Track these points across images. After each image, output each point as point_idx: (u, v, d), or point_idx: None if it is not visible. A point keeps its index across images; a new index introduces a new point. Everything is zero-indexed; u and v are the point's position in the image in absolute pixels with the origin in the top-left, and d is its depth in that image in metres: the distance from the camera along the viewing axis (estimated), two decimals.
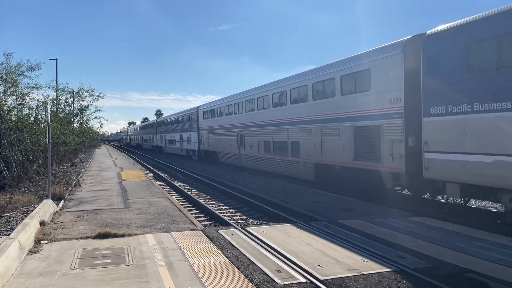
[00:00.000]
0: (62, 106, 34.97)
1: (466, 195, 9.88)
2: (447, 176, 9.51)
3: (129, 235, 7.79)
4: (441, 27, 9.95)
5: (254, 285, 5.20)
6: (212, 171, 22.77)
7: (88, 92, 37.59)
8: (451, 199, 11.18)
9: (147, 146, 59.10)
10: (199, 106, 33.38)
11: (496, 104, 8.18)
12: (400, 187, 12.78)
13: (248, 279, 5.40)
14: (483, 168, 8.53)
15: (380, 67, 12.05)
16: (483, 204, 12.71)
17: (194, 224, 8.94)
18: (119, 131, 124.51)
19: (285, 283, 5.26)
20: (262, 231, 8.05)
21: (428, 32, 10.25)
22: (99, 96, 38.56)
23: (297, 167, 17.11)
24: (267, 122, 19.83)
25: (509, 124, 7.96)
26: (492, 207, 12.14)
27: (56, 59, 34.40)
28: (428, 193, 11.56)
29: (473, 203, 12.46)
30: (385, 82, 11.78)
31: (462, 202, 11.17)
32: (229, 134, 25.24)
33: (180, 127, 38.38)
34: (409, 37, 11.28)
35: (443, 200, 11.87)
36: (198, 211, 11.97)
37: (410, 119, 10.86)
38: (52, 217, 9.53)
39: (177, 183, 18.23)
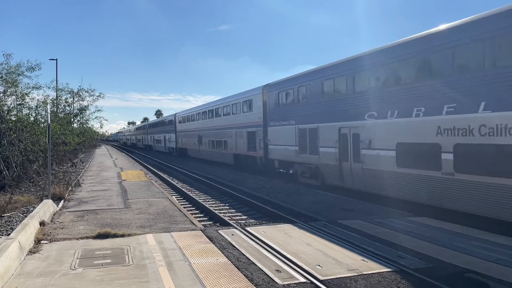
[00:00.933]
0: (62, 106, 34.98)
1: (281, 166, 18.69)
2: (275, 157, 18.82)
3: (129, 235, 7.79)
4: (272, 82, 19.77)
5: (254, 285, 5.20)
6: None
7: (88, 92, 37.60)
8: (281, 170, 18.96)
9: (140, 145, 66.93)
10: (176, 113, 41.93)
11: (285, 122, 17.59)
12: (263, 164, 20.65)
13: (248, 279, 5.40)
14: (284, 152, 17.70)
15: (255, 99, 21.28)
16: None
17: (194, 224, 8.94)
18: (118, 131, 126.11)
19: (285, 283, 5.26)
20: (262, 231, 8.05)
21: (267, 83, 20.12)
22: (99, 96, 38.57)
23: (226, 156, 26.05)
24: (212, 128, 28.82)
25: (288, 131, 17.06)
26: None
27: (56, 59, 34.35)
28: (271, 166, 19.60)
29: None
30: (257, 107, 20.92)
31: (283, 171, 18.94)
32: (194, 135, 33.81)
33: (164, 129, 46.72)
34: (264, 84, 20.48)
35: (281, 170, 19.04)
36: (198, 211, 11.97)
37: (264, 128, 19.89)
38: (52, 217, 9.53)
39: (177, 183, 18.23)
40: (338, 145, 13.72)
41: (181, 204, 12.37)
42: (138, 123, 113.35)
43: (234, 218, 10.89)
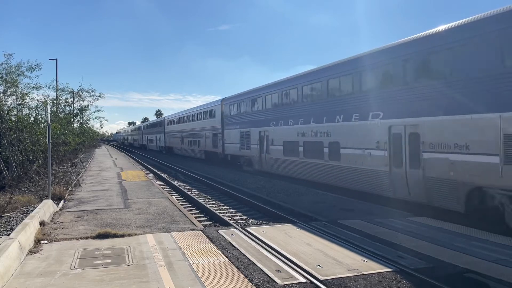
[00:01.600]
0: (62, 106, 35.00)
1: (232, 159, 24.61)
2: (228, 152, 24.90)
3: (129, 235, 7.79)
4: (227, 97, 26.41)
5: (254, 285, 5.20)
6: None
7: (88, 92, 37.62)
8: (238, 162, 24.08)
9: (136, 144, 73.64)
10: (165, 117, 49.94)
11: (233, 126, 24.08)
12: (222, 158, 26.90)
13: (248, 279, 5.40)
14: (233, 148, 23.88)
15: (217, 109, 27.92)
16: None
17: (194, 224, 8.94)
18: (116, 132, 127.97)
19: (285, 283, 5.26)
20: (262, 231, 8.05)
21: (224, 97, 26.50)
22: (99, 96, 38.60)
23: (199, 153, 32.84)
24: (190, 130, 35.74)
25: (235, 133, 23.39)
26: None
27: (56, 59, 34.37)
28: (226, 159, 25.83)
29: None
30: (218, 115, 27.30)
31: (239, 163, 23.89)
32: (177, 136, 40.72)
33: (155, 130, 53.62)
34: (222, 98, 27.08)
35: (238, 162, 24.21)
36: (198, 211, 11.97)
37: (222, 131, 26.20)
38: (52, 217, 9.53)
39: (177, 183, 18.23)
40: (259, 143, 20.61)
41: (181, 204, 12.37)
42: (138, 123, 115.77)
43: (234, 218, 10.89)
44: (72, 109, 37.71)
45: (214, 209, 11.74)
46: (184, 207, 11.73)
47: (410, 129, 10.67)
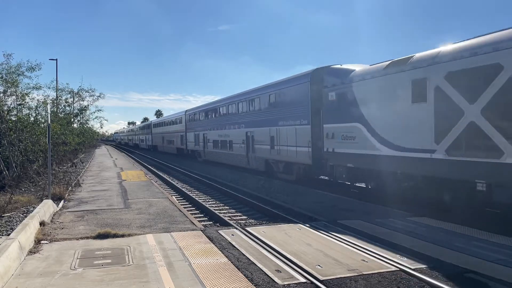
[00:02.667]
0: (62, 106, 35.00)
1: (192, 153, 34.72)
2: (190, 148, 35.53)
3: (129, 235, 7.79)
4: (189, 108, 37.95)
5: (254, 285, 5.20)
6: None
7: (88, 92, 37.64)
8: (192, 155, 34.51)
9: (131, 144, 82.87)
10: (151, 121, 62.14)
11: (191, 130, 34.69)
12: (186, 153, 36.72)
13: (248, 279, 5.40)
14: (192, 145, 34.53)
15: (182, 117, 37.76)
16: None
17: (194, 224, 8.94)
18: (114, 132, 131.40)
19: (285, 283, 5.26)
20: (262, 231, 8.05)
21: (187, 109, 37.48)
22: (99, 96, 38.66)
23: (173, 149, 42.21)
24: (167, 132, 45.49)
25: (193, 135, 33.88)
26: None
27: (56, 59, 34.38)
28: (189, 154, 35.95)
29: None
30: (183, 122, 37.03)
31: (195, 155, 33.79)
32: (160, 136, 50.95)
33: (145, 132, 63.85)
34: (186, 109, 37.69)
35: (200, 159, 32.36)
36: (198, 211, 11.97)
37: (186, 133, 36.51)
38: (52, 217, 9.53)
39: (177, 183, 18.24)
40: (203, 141, 30.60)
41: (181, 204, 12.37)
42: (138, 123, 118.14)
43: (234, 218, 10.89)
44: (72, 109, 37.72)
45: (214, 209, 11.74)
46: (184, 207, 11.73)
47: (251, 134, 21.36)
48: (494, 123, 8.35)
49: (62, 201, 11.83)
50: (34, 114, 20.17)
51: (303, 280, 5.38)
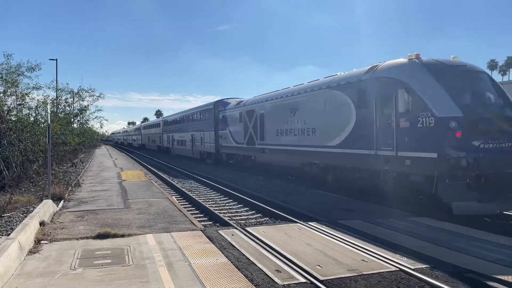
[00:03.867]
0: (62, 106, 34.95)
1: (166, 149, 46.19)
2: (165, 145, 47.35)
3: (129, 235, 7.79)
4: (165, 116, 56.13)
5: (254, 285, 5.20)
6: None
7: (88, 92, 37.55)
8: (168, 151, 46.17)
9: (125, 143, 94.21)
10: (141, 124, 78.82)
11: (167, 133, 46.12)
12: (163, 150, 49.43)
13: (248, 279, 5.40)
14: (167, 144, 46.09)
15: (160, 123, 51.51)
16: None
17: (194, 224, 8.93)
18: (112, 133, 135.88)
19: (285, 283, 5.26)
20: (262, 231, 8.05)
21: (163, 117, 56.76)
22: (99, 96, 38.53)
23: (155, 147, 54.40)
24: (151, 133, 58.32)
25: (167, 136, 45.48)
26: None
27: (56, 59, 34.32)
28: (165, 150, 48.44)
29: None
30: (161, 126, 49.78)
31: (168, 151, 45.85)
32: (146, 137, 63.13)
33: (137, 133, 75.97)
34: (162, 117, 59.64)
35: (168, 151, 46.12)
36: (198, 211, 11.96)
37: (162, 134, 48.77)
38: (52, 217, 9.53)
39: (177, 183, 18.22)
40: (172, 141, 41.96)
41: (181, 204, 12.37)
42: (138, 123, 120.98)
43: (234, 218, 10.88)
44: (72, 109, 37.69)
45: (214, 209, 11.73)
46: (184, 207, 11.73)
47: (193, 136, 32.84)
48: (254, 131, 20.95)
49: (62, 201, 11.82)
50: (34, 114, 20.13)
51: (303, 280, 5.38)
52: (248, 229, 8.26)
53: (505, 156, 9.39)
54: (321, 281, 5.30)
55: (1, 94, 18.15)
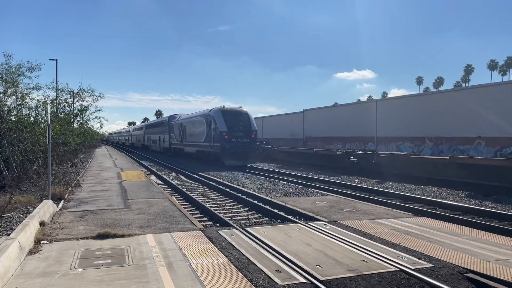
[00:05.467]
0: (62, 106, 34.92)
1: (144, 147, 64.92)
2: (145, 143, 63.58)
3: (129, 235, 7.79)
4: (148, 122, 77.26)
5: (254, 286, 5.20)
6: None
7: (88, 93, 37.50)
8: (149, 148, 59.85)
9: (120, 142, 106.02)
10: (131, 127, 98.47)
11: (148, 135, 59.71)
12: (145, 147, 64.34)
13: (248, 280, 5.40)
14: (147, 142, 61.20)
15: (143, 127, 68.35)
16: (483, 204, 12.72)
17: (194, 224, 8.93)
18: (109, 133, 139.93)
19: (285, 283, 5.26)
20: (262, 231, 8.05)
21: (146, 123, 71.36)
22: (99, 96, 38.43)
23: (140, 145, 67.02)
24: (137, 135, 72.27)
25: (148, 137, 58.92)
26: (492, 207, 12.15)
27: (56, 60, 34.47)
28: (147, 147, 62.03)
29: (473, 203, 12.59)
30: (143, 130, 66.48)
31: (149, 148, 60.19)
32: (134, 138, 76.72)
33: (128, 134, 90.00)
34: (145, 123, 72.54)
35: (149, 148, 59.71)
36: (198, 211, 11.97)
37: (144, 136, 63.51)
38: (52, 218, 9.53)
39: (177, 184, 18.23)
40: (150, 140, 56.90)
41: (181, 204, 12.37)
42: (138, 123, 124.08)
43: (234, 218, 10.89)
44: (72, 109, 37.66)
45: (214, 209, 11.73)
46: (184, 207, 11.73)
47: (161, 137, 48.46)
48: (182, 135, 37.61)
49: (62, 201, 11.82)
50: (34, 115, 20.10)
51: (303, 280, 5.38)
52: (248, 229, 8.26)
53: (241, 145, 26.78)
54: (321, 281, 5.30)
55: (1, 94, 18.13)
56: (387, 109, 30.90)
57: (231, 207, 12.60)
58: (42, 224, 8.37)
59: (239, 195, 14.08)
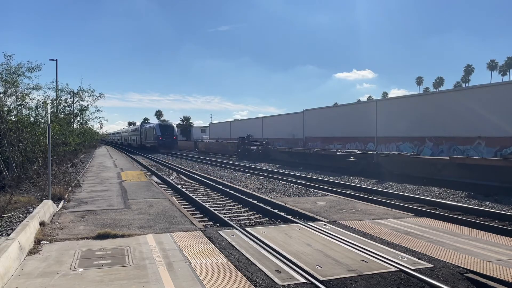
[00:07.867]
0: (62, 106, 34.90)
1: (137, 145, 77.82)
2: (130, 143, 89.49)
3: (129, 235, 7.78)
4: (144, 124, 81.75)
5: (254, 286, 5.20)
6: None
7: (88, 93, 37.47)
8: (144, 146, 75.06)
9: (113, 142, 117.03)
10: (121, 129, 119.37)
11: (136, 136, 76.76)
12: (137, 146, 77.31)
13: (248, 280, 5.40)
14: (138, 142, 75.19)
15: (137, 129, 79.29)
16: (483, 204, 12.71)
17: (194, 224, 8.93)
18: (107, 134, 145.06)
19: (285, 283, 5.26)
20: (262, 231, 8.05)
21: (142, 125, 78.30)
22: (99, 96, 38.40)
23: (127, 144, 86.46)
24: (126, 136, 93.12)
25: (135, 137, 78.67)
26: (492, 208, 12.14)
27: (56, 60, 34.52)
28: (139, 146, 77.74)
29: (473, 203, 12.59)
30: (127, 133, 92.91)
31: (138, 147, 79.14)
32: (123, 137, 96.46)
33: (120, 135, 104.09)
34: (140, 123, 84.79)
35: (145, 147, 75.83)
36: (198, 212, 11.97)
37: (129, 136, 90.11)
38: (52, 218, 9.53)
39: (177, 184, 18.24)
40: (132, 140, 79.53)
41: (181, 205, 12.37)
42: (138, 123, 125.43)
43: (234, 218, 10.89)
44: (72, 109, 37.64)
45: (214, 210, 11.73)
46: (184, 208, 11.73)
47: (136, 137, 74.34)
48: (142, 138, 69.03)
49: (62, 202, 11.82)
50: (34, 115, 20.10)
51: (303, 280, 5.37)
52: (248, 229, 8.26)
53: (168, 141, 57.97)
54: (321, 282, 5.30)
55: (1, 95, 18.14)
56: (387, 109, 30.87)
57: (231, 207, 12.61)
58: (42, 224, 8.37)
59: (239, 195, 14.09)
